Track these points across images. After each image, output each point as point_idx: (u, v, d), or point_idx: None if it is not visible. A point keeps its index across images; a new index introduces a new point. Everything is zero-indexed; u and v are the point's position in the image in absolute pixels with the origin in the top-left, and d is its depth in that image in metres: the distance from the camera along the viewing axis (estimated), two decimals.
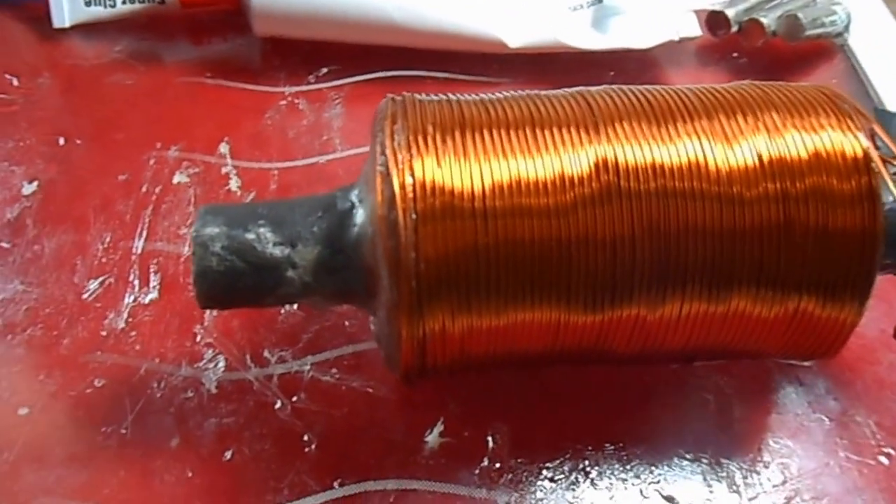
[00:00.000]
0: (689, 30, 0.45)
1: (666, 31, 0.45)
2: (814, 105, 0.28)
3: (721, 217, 0.26)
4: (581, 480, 0.30)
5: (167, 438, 0.31)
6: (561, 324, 0.27)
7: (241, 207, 0.29)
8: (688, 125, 0.27)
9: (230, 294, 0.28)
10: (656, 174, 0.26)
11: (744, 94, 0.28)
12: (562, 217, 0.26)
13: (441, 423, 0.31)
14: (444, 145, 0.26)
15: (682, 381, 0.33)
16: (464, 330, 0.27)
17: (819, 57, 0.48)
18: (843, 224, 0.26)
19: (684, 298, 0.27)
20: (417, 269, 0.25)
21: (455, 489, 0.30)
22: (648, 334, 0.28)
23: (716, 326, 0.28)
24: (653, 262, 0.26)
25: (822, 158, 0.27)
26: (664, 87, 0.29)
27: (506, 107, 0.28)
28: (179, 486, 0.30)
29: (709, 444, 0.31)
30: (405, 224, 0.25)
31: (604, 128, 0.27)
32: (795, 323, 0.28)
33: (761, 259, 0.26)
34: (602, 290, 0.26)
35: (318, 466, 0.30)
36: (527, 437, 0.31)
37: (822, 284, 0.27)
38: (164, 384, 0.32)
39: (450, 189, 0.26)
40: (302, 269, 0.28)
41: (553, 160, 0.26)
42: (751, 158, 0.27)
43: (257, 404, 0.32)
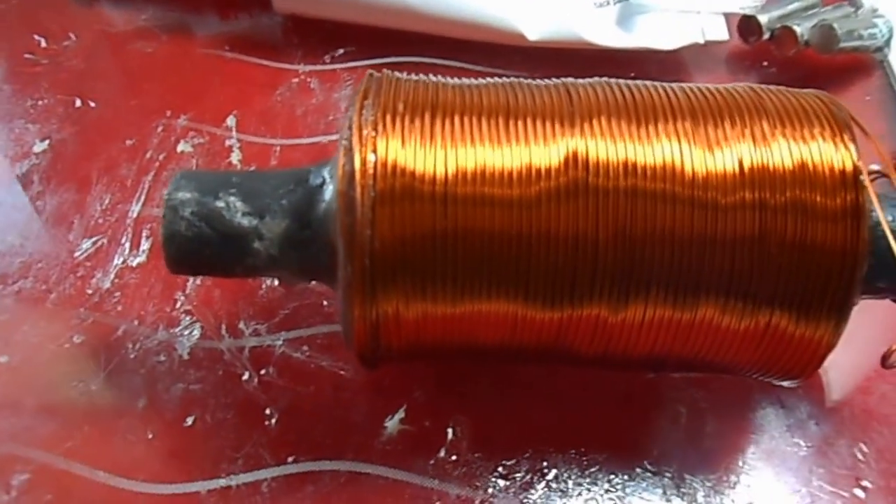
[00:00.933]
0: (716, 33, 0.44)
1: (691, 34, 0.44)
2: (808, 114, 0.27)
3: (692, 222, 0.25)
4: (536, 482, 0.29)
5: (135, 399, 0.31)
6: (518, 318, 0.26)
7: (216, 175, 0.29)
8: (669, 125, 0.26)
9: (198, 260, 0.29)
10: (627, 173, 0.25)
11: (737, 97, 0.27)
12: (524, 209, 0.25)
13: (403, 410, 0.31)
14: (412, 126, 0.26)
15: (656, 391, 0.32)
16: (418, 316, 0.26)
17: (855, 71, 0.46)
18: (823, 240, 0.25)
19: (648, 302, 0.26)
20: (372, 248, 0.25)
21: (407, 477, 0.29)
22: (611, 337, 0.27)
23: (682, 334, 0.27)
24: (616, 263, 0.25)
25: (808, 171, 0.25)
26: (655, 84, 0.28)
27: (483, 93, 0.27)
28: (139, 446, 0.30)
29: (675, 458, 0.30)
30: (362, 201, 0.25)
31: (580, 121, 0.26)
32: (767, 338, 0.27)
33: (732, 269, 0.25)
34: (561, 287, 0.26)
35: (275, 441, 0.30)
36: (488, 433, 0.31)
37: (797, 301, 0.26)
38: (138, 346, 0.33)
39: (411, 171, 0.25)
40: (268, 241, 0.28)
41: (522, 151, 0.26)
42: (731, 165, 0.26)
43: (226, 374, 0.32)
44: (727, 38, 0.44)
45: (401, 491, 0.29)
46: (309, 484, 0.29)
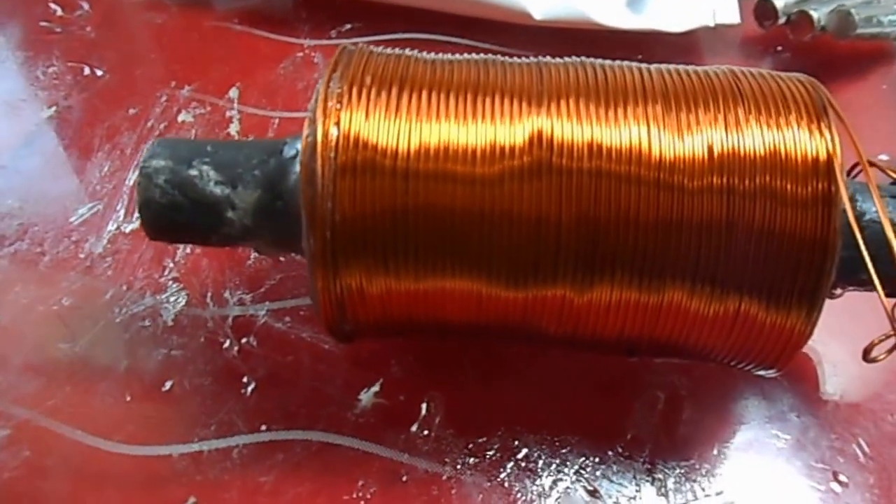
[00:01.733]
0: (728, 16, 0.43)
1: (702, 17, 0.43)
2: (786, 100, 0.26)
3: (657, 205, 0.25)
4: (506, 461, 0.29)
5: (117, 362, 0.32)
6: (483, 297, 0.26)
7: (191, 144, 0.29)
8: (639, 108, 0.26)
9: (174, 227, 0.29)
10: (592, 154, 0.25)
11: (714, 81, 0.27)
12: (487, 188, 0.25)
13: (379, 384, 0.31)
14: (378, 99, 0.26)
15: (636, 375, 0.32)
16: (382, 291, 0.26)
17: (872, 59, 0.45)
18: (793, 228, 0.25)
19: (613, 285, 0.26)
20: (333, 221, 0.25)
21: (377, 449, 0.30)
22: (579, 318, 0.27)
23: (651, 318, 0.26)
24: (579, 245, 0.25)
25: (779, 157, 0.25)
26: (632, 66, 0.28)
27: (455, 68, 0.27)
28: (116, 408, 0.31)
29: (648, 444, 0.30)
30: (323, 174, 0.25)
31: (547, 101, 0.26)
32: (738, 325, 0.26)
33: (698, 254, 0.25)
34: (524, 267, 0.26)
35: (250, 409, 0.31)
36: (462, 410, 0.31)
37: (766, 288, 0.25)
38: (125, 311, 0.33)
39: (374, 144, 0.25)
40: (241, 210, 0.28)
41: (487, 129, 0.25)
42: (700, 149, 0.25)
43: (207, 341, 0.32)
44: (738, 21, 0.43)
45: (370, 463, 0.29)
46: (279, 452, 0.29)
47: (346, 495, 0.28)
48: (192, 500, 0.28)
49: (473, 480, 0.29)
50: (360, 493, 0.28)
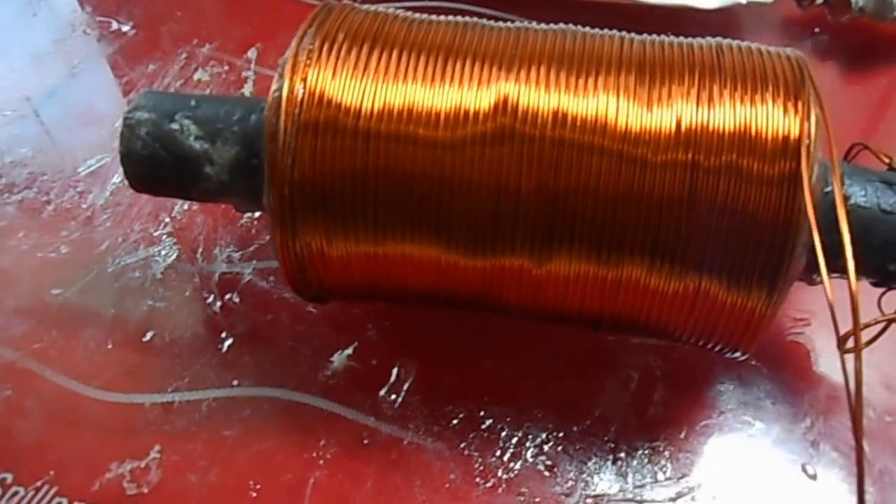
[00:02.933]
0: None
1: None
2: (766, 77, 0.25)
3: (618, 178, 0.24)
4: (469, 432, 0.29)
5: (104, 310, 0.33)
6: (442, 264, 0.26)
7: (176, 97, 0.30)
8: (611, 78, 0.25)
9: (155, 179, 0.29)
10: (556, 123, 0.24)
11: (695, 53, 0.26)
12: (448, 152, 0.25)
13: (353, 348, 0.31)
14: (347, 57, 0.26)
15: (612, 353, 0.31)
16: (342, 253, 0.26)
17: None
18: (756, 208, 0.24)
19: (572, 257, 0.25)
20: (291, 178, 0.25)
21: (343, 411, 0.30)
22: (538, 289, 0.26)
23: (610, 292, 0.26)
24: (538, 214, 0.25)
25: (749, 135, 0.24)
26: (614, 34, 0.27)
27: (432, 29, 0.27)
28: (98, 354, 0.31)
29: (615, 422, 0.29)
30: (285, 130, 0.25)
31: (517, 67, 0.25)
32: (699, 304, 0.25)
33: (658, 229, 0.24)
34: (483, 235, 0.25)
35: (224, 363, 0.31)
36: (433, 378, 0.31)
37: (727, 267, 0.24)
38: (118, 261, 0.34)
39: (337, 103, 0.25)
40: (219, 166, 0.28)
41: (454, 92, 0.25)
42: (667, 123, 0.24)
43: (192, 296, 0.33)
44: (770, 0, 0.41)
45: (334, 424, 0.30)
46: (247, 408, 0.30)
47: (307, 454, 0.29)
48: (156, 447, 0.29)
49: (434, 448, 0.29)
50: (319, 453, 0.29)
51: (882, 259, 0.27)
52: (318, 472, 0.28)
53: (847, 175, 0.27)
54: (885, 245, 0.26)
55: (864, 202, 0.26)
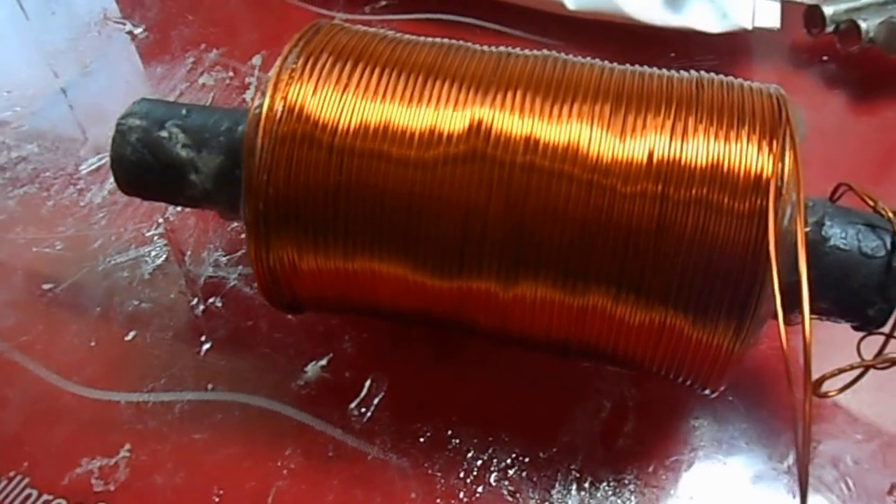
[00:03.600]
0: (767, 20, 0.41)
1: (740, 19, 0.41)
2: (743, 113, 0.24)
3: (587, 206, 0.24)
4: (435, 451, 0.29)
5: (91, 307, 0.33)
6: (410, 283, 0.26)
7: (169, 106, 0.30)
8: (586, 106, 0.25)
9: (144, 185, 0.30)
10: (527, 149, 0.24)
11: (676, 85, 0.25)
12: (419, 172, 0.25)
13: (327, 359, 0.31)
14: (329, 74, 0.26)
15: (585, 380, 0.31)
16: (314, 268, 0.27)
17: None
18: (724, 244, 0.23)
19: (538, 283, 0.25)
20: (266, 192, 0.26)
21: (313, 422, 0.30)
22: (505, 314, 0.26)
23: (576, 320, 0.26)
24: (505, 239, 0.25)
25: (720, 171, 0.23)
26: (597, 62, 0.27)
27: (416, 50, 0.27)
28: (80, 350, 0.32)
29: (582, 451, 0.29)
30: (262, 145, 0.25)
31: (495, 90, 0.25)
32: (665, 337, 0.25)
33: (624, 259, 0.24)
34: (450, 256, 0.25)
35: (201, 367, 0.31)
36: (404, 394, 0.31)
37: (693, 302, 0.24)
38: (109, 260, 0.35)
39: (315, 119, 0.25)
40: (204, 174, 0.29)
41: (430, 112, 0.25)
42: (640, 154, 0.24)
43: (177, 298, 0.34)
44: (778, 26, 0.41)
45: (302, 434, 0.30)
46: (219, 412, 0.30)
47: (271, 462, 0.29)
48: (127, 446, 0.29)
49: (398, 465, 0.29)
50: (284, 462, 0.29)
51: (861, 302, 0.26)
52: (281, 481, 0.28)
53: (828, 216, 0.26)
54: (864, 288, 0.26)
55: (844, 244, 0.26)
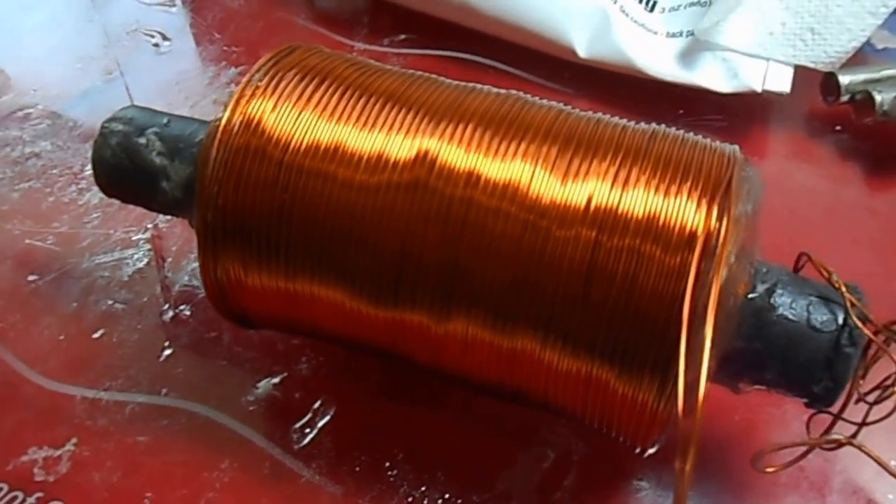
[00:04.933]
0: (778, 84, 0.40)
1: (750, 80, 0.40)
2: (690, 169, 0.24)
3: (520, 246, 0.24)
4: (369, 482, 0.29)
5: (67, 303, 0.34)
6: (347, 310, 0.26)
7: (153, 114, 0.31)
8: (533, 146, 0.25)
9: (121, 188, 0.31)
10: (469, 183, 0.24)
11: (629, 135, 0.25)
12: (362, 195, 0.25)
13: (280, 377, 0.32)
14: (291, 92, 0.26)
15: (533, 427, 0.30)
16: (258, 285, 0.27)
17: None
18: (651, 296, 0.23)
19: (469, 320, 0.25)
20: (215, 203, 0.26)
21: (255, 438, 0.30)
22: (439, 350, 0.26)
23: (506, 363, 0.25)
24: (439, 272, 0.24)
25: (655, 223, 0.23)
26: (555, 105, 0.27)
27: (383, 77, 0.27)
28: (49, 342, 0.33)
29: (514, 501, 0.28)
30: (216, 157, 0.26)
31: (446, 122, 0.25)
32: (593, 388, 0.24)
33: (553, 304, 0.24)
34: (386, 285, 0.25)
35: (158, 371, 0.32)
36: (349, 422, 0.30)
37: (619, 354, 0.23)
38: (93, 259, 0.36)
39: (270, 134, 0.26)
40: (174, 183, 0.29)
41: (380, 138, 0.25)
42: (577, 198, 0.24)
43: (148, 303, 0.34)
44: (787, 91, 0.40)
45: (242, 448, 0.30)
46: (166, 418, 0.31)
47: (207, 472, 0.29)
48: (73, 440, 0.30)
49: (330, 491, 0.29)
50: (219, 474, 0.29)
51: (807, 377, 0.25)
52: (212, 493, 0.29)
53: (781, 284, 0.26)
54: (810, 363, 0.25)
55: (793, 315, 0.25)
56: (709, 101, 0.41)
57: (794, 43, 0.39)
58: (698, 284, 0.22)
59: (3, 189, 0.39)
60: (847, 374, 0.25)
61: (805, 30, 0.39)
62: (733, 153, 0.25)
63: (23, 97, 0.43)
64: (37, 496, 0.29)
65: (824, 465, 0.29)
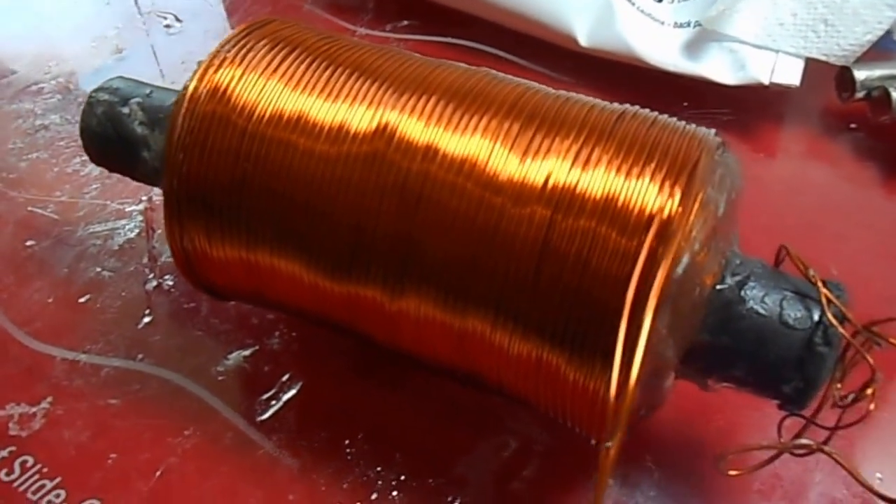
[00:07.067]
0: (787, 77, 0.38)
1: (757, 73, 0.39)
2: (656, 153, 0.23)
3: (474, 223, 0.23)
4: (326, 459, 0.29)
5: (59, 268, 0.35)
6: (306, 283, 0.26)
7: (138, 85, 0.31)
8: (494, 121, 0.24)
9: (106, 156, 0.31)
10: (426, 157, 0.24)
11: (596, 114, 0.24)
12: (321, 165, 0.25)
13: (251, 350, 0.32)
14: (258, 61, 0.26)
15: (497, 414, 0.30)
16: (221, 255, 0.27)
17: None
18: (604, 280, 0.22)
19: (421, 297, 0.24)
20: (180, 171, 0.26)
21: (220, 407, 0.30)
22: (394, 328, 0.26)
23: (455, 343, 0.25)
24: (393, 246, 0.24)
25: (613, 204, 0.22)
26: (525, 82, 0.26)
27: (353, 49, 0.27)
28: (37, 305, 0.34)
29: (471, 487, 0.28)
30: (182, 124, 0.26)
31: (409, 94, 0.25)
32: (544, 373, 0.24)
33: (504, 283, 0.23)
34: (341, 258, 0.25)
35: (136, 338, 0.33)
36: (313, 397, 0.31)
37: (569, 339, 0.23)
38: (87, 228, 0.37)
39: (234, 103, 0.26)
40: (154, 152, 0.30)
41: (342, 109, 0.25)
42: (535, 176, 0.23)
43: (133, 273, 0.35)
44: (797, 84, 0.38)
45: (207, 417, 0.30)
46: (139, 383, 0.31)
47: (170, 437, 0.29)
48: (49, 399, 0.31)
49: (287, 464, 0.29)
50: (182, 441, 0.29)
51: (777, 377, 0.24)
52: (173, 458, 0.29)
53: (754, 277, 0.24)
54: (780, 362, 0.24)
55: (763, 310, 0.24)
56: (716, 94, 0.40)
57: (806, 34, 0.38)
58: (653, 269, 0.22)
59: (12, 159, 0.40)
60: (820, 375, 0.24)
61: (818, 21, 0.37)
62: (706, 136, 0.24)
63: (38, 73, 0.44)
64: (9, 450, 0.29)
65: (802, 475, 0.28)
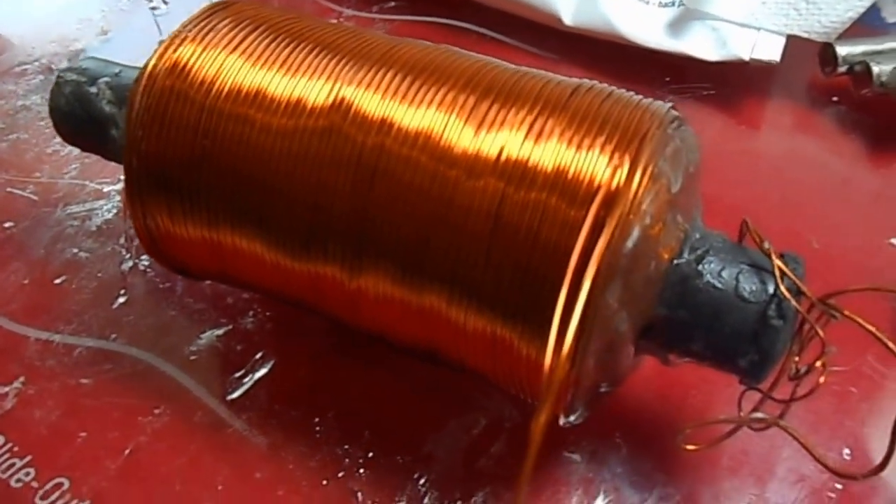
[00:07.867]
0: (767, 53, 0.38)
1: (738, 49, 0.38)
2: (607, 125, 0.23)
3: (427, 197, 0.23)
4: (294, 438, 0.29)
5: (36, 249, 0.35)
6: (267, 262, 0.26)
7: (109, 65, 0.31)
8: (451, 94, 0.24)
9: (76, 135, 0.32)
10: (381, 130, 0.24)
11: (552, 88, 0.24)
12: (279, 140, 0.25)
13: (225, 329, 0.32)
14: (219, 39, 0.26)
15: (468, 394, 0.29)
16: (184, 234, 0.27)
17: None
18: (554, 252, 0.22)
19: (378, 275, 0.24)
20: (139, 148, 0.26)
21: (191, 386, 0.30)
22: (355, 306, 0.26)
23: (415, 320, 0.25)
24: (350, 223, 0.24)
25: (563, 176, 0.22)
26: (484, 58, 0.26)
27: (318, 28, 0.27)
28: (13, 286, 0.34)
29: (439, 465, 0.28)
30: (141, 100, 0.26)
31: (366, 69, 0.25)
32: (499, 350, 0.24)
33: (458, 257, 0.23)
34: (300, 235, 0.25)
35: (110, 318, 0.33)
36: (285, 377, 0.31)
37: (521, 314, 0.23)
38: (66, 209, 0.37)
39: (192, 78, 0.26)
40: (122, 130, 0.30)
41: (299, 83, 0.25)
42: (489, 149, 0.23)
43: (110, 253, 0.35)
44: (777, 60, 0.38)
45: (178, 396, 0.30)
46: (110, 362, 0.31)
47: (141, 416, 0.29)
48: (21, 378, 0.31)
49: (256, 442, 0.29)
50: (151, 418, 0.29)
51: (733, 350, 0.24)
52: (142, 437, 0.29)
53: (713, 251, 0.24)
54: (735, 335, 0.24)
55: (720, 283, 0.24)
56: (697, 70, 0.40)
57: (788, 12, 0.37)
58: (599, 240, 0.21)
59: None
60: (774, 348, 0.24)
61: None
62: (659, 110, 0.24)
63: (22, 55, 0.44)
64: None
65: (770, 451, 0.28)
